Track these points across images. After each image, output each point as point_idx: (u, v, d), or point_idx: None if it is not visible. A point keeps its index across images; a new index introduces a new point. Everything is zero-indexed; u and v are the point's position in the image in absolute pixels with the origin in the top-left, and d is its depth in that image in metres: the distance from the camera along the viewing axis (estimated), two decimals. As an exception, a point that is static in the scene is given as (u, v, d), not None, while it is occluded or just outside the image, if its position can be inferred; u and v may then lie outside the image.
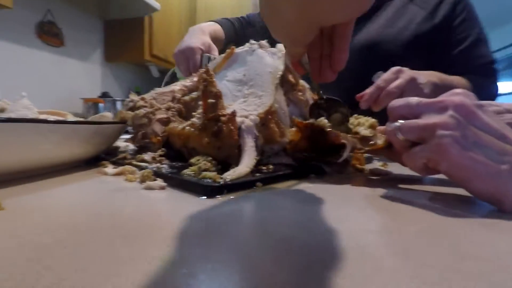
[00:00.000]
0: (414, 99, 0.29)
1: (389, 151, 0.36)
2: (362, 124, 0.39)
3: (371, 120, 0.39)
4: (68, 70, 1.78)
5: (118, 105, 1.78)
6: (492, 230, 0.22)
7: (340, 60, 0.29)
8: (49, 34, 1.65)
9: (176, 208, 0.25)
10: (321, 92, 0.41)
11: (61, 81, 1.74)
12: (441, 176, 0.30)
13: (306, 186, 0.35)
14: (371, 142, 0.37)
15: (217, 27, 0.92)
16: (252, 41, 0.53)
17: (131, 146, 0.63)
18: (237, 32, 0.98)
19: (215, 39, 0.86)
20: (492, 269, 0.16)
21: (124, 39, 2.02)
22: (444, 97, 0.27)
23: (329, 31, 0.28)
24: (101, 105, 1.71)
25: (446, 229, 0.21)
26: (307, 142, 0.40)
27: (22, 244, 0.17)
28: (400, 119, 0.30)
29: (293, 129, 0.42)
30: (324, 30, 0.28)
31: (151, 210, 0.24)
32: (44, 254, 0.16)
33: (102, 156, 0.50)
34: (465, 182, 0.26)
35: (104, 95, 1.81)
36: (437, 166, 0.27)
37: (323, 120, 0.37)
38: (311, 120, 0.38)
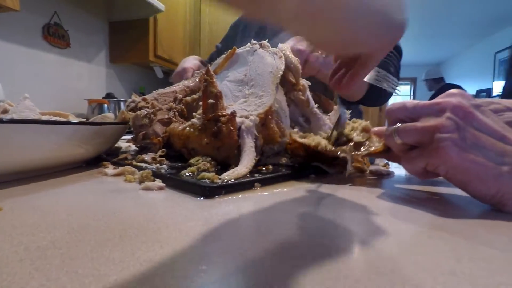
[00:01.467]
0: (410, 102, 0.29)
1: (388, 154, 0.35)
2: (355, 128, 0.39)
3: (364, 123, 0.38)
4: (73, 71, 1.80)
5: (123, 105, 1.80)
6: (491, 232, 0.21)
7: (348, 84, 0.30)
8: (55, 36, 1.67)
9: (172, 209, 0.25)
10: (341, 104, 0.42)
11: (66, 82, 1.75)
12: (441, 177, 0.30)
13: (306, 187, 0.34)
14: (366, 147, 0.37)
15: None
16: (253, 41, 0.53)
17: (133, 147, 0.63)
18: None
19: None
20: (489, 272, 0.15)
21: (128, 40, 2.04)
22: (441, 99, 0.27)
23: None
24: (105, 106, 1.72)
25: (444, 231, 0.21)
26: (305, 152, 0.40)
27: (16, 244, 0.17)
28: (398, 122, 0.29)
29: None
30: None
31: (148, 211, 0.24)
32: (37, 255, 0.16)
33: (103, 157, 0.50)
34: (466, 185, 0.26)
35: (109, 96, 1.82)
36: (436, 170, 0.26)
37: (321, 143, 0.37)
38: (306, 142, 0.38)
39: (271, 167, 0.40)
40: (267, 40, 0.54)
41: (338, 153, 0.36)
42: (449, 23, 3.98)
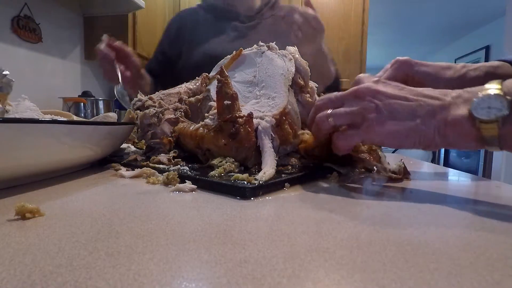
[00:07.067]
0: (333, 95, 0.36)
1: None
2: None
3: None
4: (46, 67, 1.69)
5: (101, 105, 1.72)
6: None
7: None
8: (26, 29, 1.56)
9: (224, 210, 0.25)
10: None
11: (38, 79, 1.65)
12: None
13: (332, 187, 0.35)
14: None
15: None
16: (261, 43, 0.54)
17: (132, 148, 0.61)
18: None
19: None
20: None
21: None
22: (354, 87, 0.34)
23: None
24: (82, 104, 1.64)
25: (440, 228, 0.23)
26: (322, 148, 0.41)
27: (37, 260, 0.16)
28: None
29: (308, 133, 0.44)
30: None
31: (199, 214, 0.24)
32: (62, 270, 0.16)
33: (108, 158, 0.48)
34: (400, 145, 0.32)
35: (85, 94, 1.73)
36: (373, 142, 0.35)
37: None
38: None
39: (290, 167, 0.40)
40: None
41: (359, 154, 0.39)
42: (414, 30, 4.25)
